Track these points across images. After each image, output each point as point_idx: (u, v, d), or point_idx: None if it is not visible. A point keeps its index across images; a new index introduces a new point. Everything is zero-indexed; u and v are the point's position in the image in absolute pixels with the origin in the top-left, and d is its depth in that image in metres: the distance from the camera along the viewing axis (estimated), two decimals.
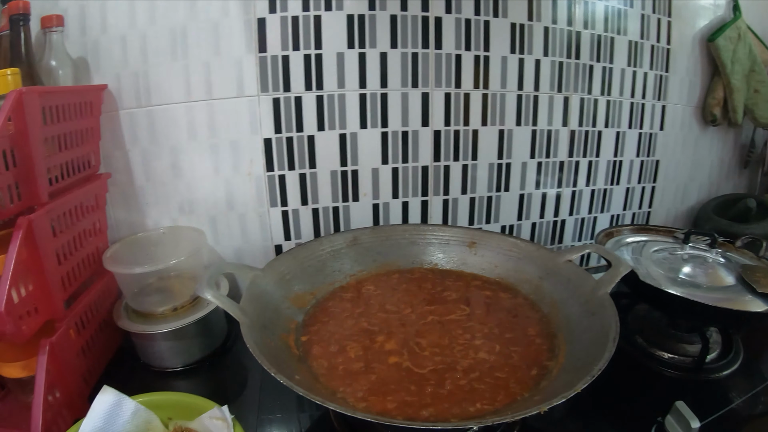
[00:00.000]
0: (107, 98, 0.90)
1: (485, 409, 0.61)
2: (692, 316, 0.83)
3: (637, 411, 0.75)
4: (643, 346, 0.88)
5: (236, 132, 0.95)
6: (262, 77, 0.92)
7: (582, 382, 0.54)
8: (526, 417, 0.68)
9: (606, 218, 1.22)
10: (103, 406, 0.61)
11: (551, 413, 0.72)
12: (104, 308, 0.88)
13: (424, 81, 0.99)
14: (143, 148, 0.94)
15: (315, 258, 0.87)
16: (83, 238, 0.82)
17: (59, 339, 0.71)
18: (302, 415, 0.75)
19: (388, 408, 0.62)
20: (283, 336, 0.71)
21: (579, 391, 0.53)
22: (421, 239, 0.95)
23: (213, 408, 0.63)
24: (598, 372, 0.55)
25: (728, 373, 0.82)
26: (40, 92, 0.69)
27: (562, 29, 1.05)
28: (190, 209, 0.99)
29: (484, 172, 1.09)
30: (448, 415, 0.61)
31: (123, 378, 0.78)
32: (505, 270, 0.90)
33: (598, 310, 0.70)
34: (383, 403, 0.63)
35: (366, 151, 1.01)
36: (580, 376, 0.56)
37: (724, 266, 0.89)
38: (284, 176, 0.99)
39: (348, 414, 0.54)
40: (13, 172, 0.64)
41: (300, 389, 0.55)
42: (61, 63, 0.83)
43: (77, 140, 0.81)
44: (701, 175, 1.30)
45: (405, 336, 0.75)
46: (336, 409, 0.54)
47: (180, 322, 0.82)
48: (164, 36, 0.88)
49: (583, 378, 0.55)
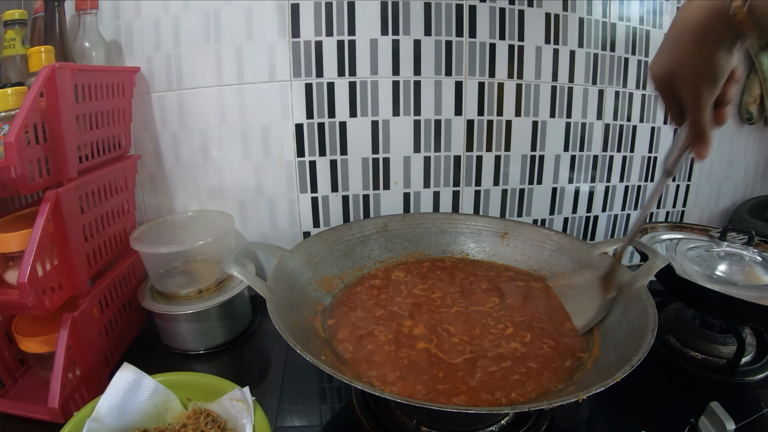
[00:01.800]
0: (139, 81, 0.87)
1: (517, 399, 0.58)
2: (729, 313, 0.78)
3: (669, 412, 0.70)
4: (676, 346, 0.84)
5: (267, 117, 0.91)
6: (295, 62, 0.89)
7: (621, 372, 0.51)
8: (555, 415, 0.66)
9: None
10: (122, 383, 0.58)
11: (581, 413, 0.70)
12: (129, 289, 0.85)
13: (458, 69, 0.95)
14: (173, 131, 0.91)
15: (344, 242, 0.83)
16: (111, 217, 0.80)
17: (81, 315, 0.69)
18: (324, 407, 0.72)
19: (417, 394, 0.58)
20: (309, 318, 0.67)
21: (618, 380, 0.50)
22: (452, 228, 0.91)
23: (234, 389, 0.59)
24: (637, 362, 0.53)
25: (763, 377, 0.77)
26: (73, 69, 0.66)
27: (597, 20, 0.99)
28: (219, 193, 0.95)
29: (516, 163, 1.03)
30: (480, 402, 0.57)
31: (144, 359, 0.73)
32: (538, 262, 0.85)
33: (634, 302, 0.67)
34: (412, 389, 0.58)
35: (398, 139, 0.97)
36: (618, 367, 0.53)
37: (761, 265, 0.84)
38: (315, 162, 0.95)
39: (378, 395, 0.49)
40: (43, 146, 0.61)
41: (327, 368, 0.51)
42: (94, 44, 0.81)
43: (108, 120, 0.79)
44: (736, 174, 1.22)
45: (434, 323, 0.71)
46: (366, 389, 0.50)
47: (204, 304, 0.80)
48: (197, 20, 0.86)
49: (622, 368, 0.52)
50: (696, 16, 0.48)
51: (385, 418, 0.66)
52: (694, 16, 0.48)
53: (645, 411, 0.70)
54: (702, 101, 0.52)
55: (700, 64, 0.49)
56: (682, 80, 0.52)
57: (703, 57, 0.49)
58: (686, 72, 0.51)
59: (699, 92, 0.51)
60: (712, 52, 0.48)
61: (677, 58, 0.51)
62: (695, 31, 0.48)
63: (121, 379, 0.59)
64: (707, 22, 0.47)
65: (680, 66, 0.51)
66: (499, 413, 0.62)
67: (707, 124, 0.54)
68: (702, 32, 0.48)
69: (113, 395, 0.57)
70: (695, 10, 0.48)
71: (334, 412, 0.71)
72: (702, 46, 0.48)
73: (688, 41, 0.49)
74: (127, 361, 0.60)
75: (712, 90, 0.51)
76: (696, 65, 0.50)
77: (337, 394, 0.74)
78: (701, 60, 0.49)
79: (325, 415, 0.70)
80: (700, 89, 0.51)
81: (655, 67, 0.55)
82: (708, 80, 0.50)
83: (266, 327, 0.90)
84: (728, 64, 0.49)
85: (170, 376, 0.62)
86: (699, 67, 0.50)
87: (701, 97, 0.51)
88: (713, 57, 0.48)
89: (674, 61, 0.52)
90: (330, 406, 0.72)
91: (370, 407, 0.68)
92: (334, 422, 0.69)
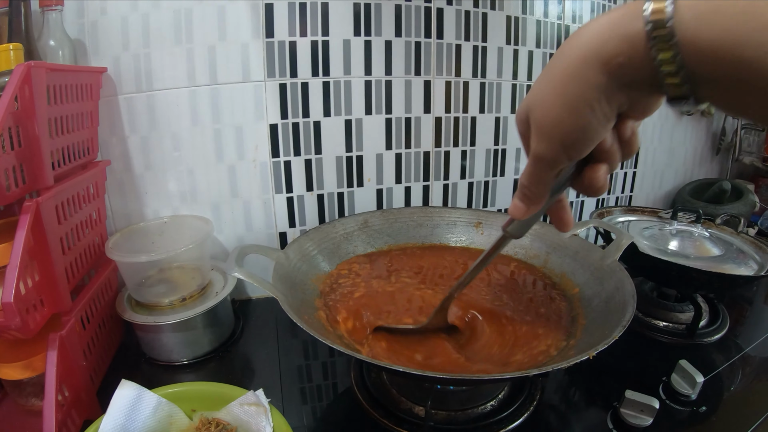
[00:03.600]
0: (106, 82, 0.82)
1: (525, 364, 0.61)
2: (686, 282, 0.85)
3: (644, 373, 0.77)
4: (639, 317, 0.91)
5: (241, 118, 0.89)
6: (269, 63, 0.87)
7: (617, 330, 0.55)
8: (545, 387, 0.72)
9: (592, 202, 1.21)
10: (124, 401, 0.55)
11: (567, 384, 0.74)
12: (106, 302, 0.79)
13: (427, 69, 0.96)
14: (143, 134, 0.86)
15: (329, 240, 0.82)
16: (84, 227, 0.74)
17: (68, 333, 0.63)
18: (329, 403, 0.71)
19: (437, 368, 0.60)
20: (315, 315, 0.66)
21: (616, 338, 0.54)
22: (429, 221, 0.92)
23: (246, 394, 0.57)
24: (627, 322, 0.57)
25: (718, 338, 0.86)
26: (48, 69, 0.61)
27: (553, 23, 1.03)
28: (192, 198, 0.91)
29: (481, 157, 1.06)
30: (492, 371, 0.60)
31: (130, 374, 0.69)
32: (512, 247, 0.88)
33: (609, 276, 0.71)
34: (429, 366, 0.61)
35: (370, 137, 0.97)
36: (612, 328, 0.57)
37: (709, 239, 0.92)
38: (290, 162, 0.93)
39: (401, 370, 0.51)
40: (18, 152, 0.56)
41: (366, 358, 0.53)
42: (60, 43, 0.75)
43: (77, 124, 0.73)
44: (677, 161, 1.31)
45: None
46: (406, 370, 0.51)
47: (189, 312, 0.76)
48: (168, 19, 0.81)
49: (616, 328, 0.56)
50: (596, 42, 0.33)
51: (391, 404, 0.67)
52: (596, 43, 0.33)
53: (622, 376, 0.75)
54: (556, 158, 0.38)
55: (583, 110, 0.35)
56: (537, 119, 0.38)
57: (589, 101, 0.34)
58: (543, 108, 0.37)
59: (560, 143, 0.37)
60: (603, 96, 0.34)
61: (539, 90, 0.38)
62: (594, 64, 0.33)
63: (121, 396, 0.55)
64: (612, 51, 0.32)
65: (540, 100, 0.37)
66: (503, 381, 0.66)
67: (545, 188, 0.42)
68: (586, 56, 0.33)
69: (116, 415, 0.54)
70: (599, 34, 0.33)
71: (340, 405, 0.71)
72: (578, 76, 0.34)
73: (567, 66, 0.35)
74: (112, 379, 0.57)
75: (576, 145, 0.37)
76: (577, 110, 0.35)
77: (337, 389, 0.74)
78: (585, 103, 0.34)
79: (331, 409, 0.70)
80: (565, 141, 0.37)
81: (523, 104, 0.40)
82: (579, 131, 0.36)
83: (251, 331, 0.88)
84: (612, 120, 0.36)
85: (172, 388, 0.59)
86: (579, 113, 0.35)
87: (556, 151, 0.38)
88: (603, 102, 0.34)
89: (535, 93, 0.38)
90: (334, 401, 0.72)
91: (373, 396, 0.68)
92: (341, 414, 0.69)
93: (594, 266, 0.75)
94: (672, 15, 0.29)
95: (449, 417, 0.65)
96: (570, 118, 0.35)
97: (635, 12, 0.30)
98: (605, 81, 0.33)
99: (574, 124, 0.35)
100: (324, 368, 0.79)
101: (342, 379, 0.75)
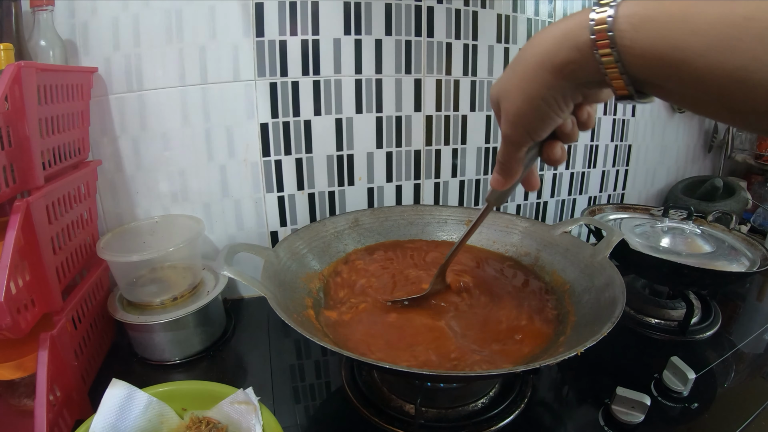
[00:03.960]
0: (96, 82, 0.82)
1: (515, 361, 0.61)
2: (677, 279, 0.86)
3: (635, 370, 0.78)
4: (631, 314, 0.92)
5: (232, 117, 0.89)
6: (259, 62, 0.87)
7: (606, 327, 0.55)
8: (537, 384, 0.72)
9: (584, 200, 1.23)
10: (114, 401, 0.56)
11: (559, 381, 0.75)
12: (98, 302, 0.80)
13: (417, 68, 0.97)
14: (133, 134, 0.87)
15: (320, 239, 0.83)
16: (75, 227, 0.75)
17: (59, 333, 0.64)
18: (321, 402, 0.72)
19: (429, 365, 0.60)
20: (304, 313, 0.67)
21: (605, 335, 0.54)
22: (419, 219, 0.93)
23: (235, 392, 0.58)
24: (617, 318, 0.57)
25: (711, 335, 0.87)
26: (38, 69, 0.61)
27: (544, 21, 1.04)
28: (183, 197, 0.92)
29: (472, 155, 1.07)
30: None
31: (121, 374, 0.70)
32: (503, 245, 0.89)
33: (599, 272, 0.72)
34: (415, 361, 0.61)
35: (361, 136, 0.97)
36: (602, 324, 0.57)
37: (700, 236, 0.92)
38: (280, 161, 0.94)
39: (395, 369, 0.51)
40: (8, 152, 0.57)
41: (355, 355, 0.52)
42: (51, 43, 0.75)
43: (69, 124, 0.73)
44: (669, 159, 1.32)
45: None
46: (384, 365, 0.51)
47: (181, 312, 0.77)
48: (159, 18, 0.82)
49: (606, 324, 0.56)
50: (550, 51, 0.39)
51: (381, 402, 0.68)
52: (550, 51, 0.39)
53: (614, 373, 0.76)
54: (521, 138, 0.46)
55: (539, 104, 0.42)
56: (504, 108, 0.45)
57: (544, 97, 0.41)
58: (509, 101, 0.44)
59: (522, 128, 0.44)
60: (557, 93, 0.40)
61: (506, 83, 0.44)
62: (547, 68, 0.39)
63: (112, 396, 0.56)
64: (562, 59, 0.38)
65: (506, 92, 0.44)
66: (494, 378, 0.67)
67: (517, 163, 0.49)
68: (543, 61, 0.39)
69: (106, 414, 0.55)
70: (552, 43, 0.39)
71: (331, 404, 0.71)
72: (536, 78, 0.40)
73: (527, 68, 0.41)
74: (104, 379, 0.57)
75: (536, 129, 0.44)
76: (534, 103, 0.42)
77: (330, 388, 0.74)
78: (541, 99, 0.41)
79: (322, 408, 0.71)
80: (526, 126, 0.44)
81: (494, 89, 0.47)
82: (537, 119, 0.43)
83: (243, 330, 0.89)
84: (570, 106, 0.43)
85: (163, 387, 0.60)
86: (535, 105, 0.42)
87: (520, 134, 0.45)
88: (557, 98, 0.41)
89: (503, 84, 0.45)
90: (326, 399, 0.72)
91: (364, 394, 0.69)
92: (332, 413, 0.69)
93: (584, 263, 0.76)
94: (612, 26, 0.33)
95: (440, 414, 0.66)
96: (531, 111, 0.42)
97: (583, 22, 0.35)
98: (559, 83, 0.39)
99: (534, 116, 0.42)
100: (316, 367, 0.80)
101: (334, 377, 0.76)
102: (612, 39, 0.34)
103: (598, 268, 0.73)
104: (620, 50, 0.34)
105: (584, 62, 0.36)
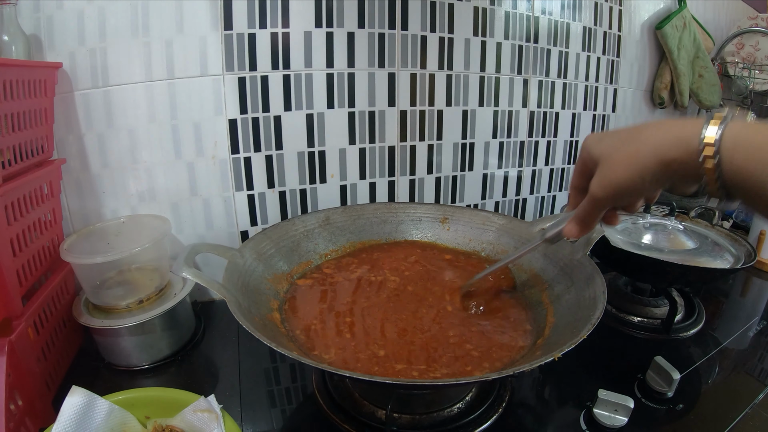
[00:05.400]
0: (61, 78, 0.83)
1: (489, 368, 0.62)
2: (660, 276, 0.87)
3: (618, 370, 0.78)
4: (613, 312, 0.93)
5: (199, 113, 0.90)
6: (228, 56, 0.88)
7: (585, 330, 0.56)
8: (515, 387, 0.73)
9: (564, 196, 1.25)
10: (73, 409, 0.55)
11: (538, 384, 0.76)
12: (63, 306, 0.80)
13: (391, 61, 0.98)
14: (99, 131, 0.87)
15: (288, 238, 0.84)
16: (37, 229, 0.75)
17: (18, 339, 0.63)
18: (289, 407, 0.72)
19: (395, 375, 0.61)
20: (268, 316, 0.68)
21: (584, 338, 0.55)
22: (393, 217, 0.94)
23: (197, 399, 0.58)
24: (597, 320, 0.58)
25: (695, 332, 0.88)
26: None
27: (522, 14, 1.06)
28: (151, 196, 0.93)
29: (448, 151, 1.09)
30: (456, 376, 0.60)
31: (87, 380, 0.71)
32: (480, 243, 0.90)
33: (579, 271, 0.73)
34: (390, 371, 0.61)
35: (333, 132, 0.98)
36: (581, 326, 0.58)
37: (683, 232, 0.94)
38: (250, 158, 0.95)
39: (364, 379, 0.51)
40: None
41: (313, 362, 0.53)
42: (14, 38, 0.76)
43: (31, 121, 0.73)
44: None
45: (390, 310, 0.74)
46: (352, 375, 0.51)
47: (147, 315, 0.77)
48: (124, 12, 0.82)
49: (585, 327, 0.57)
50: (663, 145, 0.46)
51: (353, 408, 0.67)
52: (663, 146, 0.46)
53: (596, 374, 0.77)
54: (607, 202, 0.53)
55: (637, 182, 0.49)
56: (603, 173, 0.52)
57: (644, 179, 0.48)
58: (611, 169, 0.51)
59: (613, 195, 0.51)
60: (655, 179, 0.48)
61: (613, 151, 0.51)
62: (656, 159, 0.46)
63: (71, 404, 0.55)
64: (672, 156, 0.46)
65: (611, 159, 0.51)
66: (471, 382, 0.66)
67: (595, 220, 0.56)
68: (655, 152, 0.47)
69: (66, 423, 0.54)
70: (666, 140, 0.46)
71: (300, 410, 0.71)
72: (645, 163, 0.47)
73: (639, 151, 0.48)
74: (70, 386, 0.56)
75: (624, 200, 0.52)
76: (633, 180, 0.49)
77: (300, 393, 0.75)
78: (641, 179, 0.48)
79: (292, 415, 0.71)
80: (618, 195, 0.51)
81: (596, 147, 0.53)
82: (629, 194, 0.50)
83: (213, 334, 0.90)
84: (658, 191, 0.52)
85: (125, 394, 0.60)
86: (634, 182, 0.49)
87: (609, 199, 0.52)
88: (653, 183, 0.48)
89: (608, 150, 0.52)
90: (295, 407, 0.72)
91: (335, 400, 0.69)
92: (302, 420, 0.70)
93: (563, 261, 0.77)
94: (719, 143, 0.42)
95: (413, 421, 0.66)
96: (629, 186, 0.49)
97: (695, 132, 0.44)
98: (661, 171, 0.46)
99: (630, 190, 0.50)
100: (287, 371, 0.80)
101: (305, 382, 0.76)
102: (717, 152, 0.42)
103: (577, 266, 0.73)
104: (721, 162, 0.42)
105: (689, 164, 0.44)
